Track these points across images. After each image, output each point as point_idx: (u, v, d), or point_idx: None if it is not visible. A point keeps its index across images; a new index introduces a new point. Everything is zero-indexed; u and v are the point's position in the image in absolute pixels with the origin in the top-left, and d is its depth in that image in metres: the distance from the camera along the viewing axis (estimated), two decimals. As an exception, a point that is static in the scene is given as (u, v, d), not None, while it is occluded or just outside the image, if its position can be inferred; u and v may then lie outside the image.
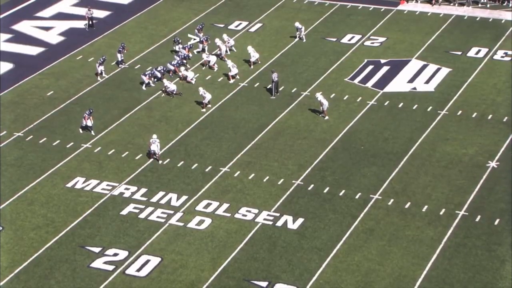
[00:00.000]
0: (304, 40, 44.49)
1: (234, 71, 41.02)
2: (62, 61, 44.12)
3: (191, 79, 41.23)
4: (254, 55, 42.14)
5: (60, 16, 49.37)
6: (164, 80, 40.43)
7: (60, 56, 44.46)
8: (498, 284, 27.76)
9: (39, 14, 49.77)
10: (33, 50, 45.57)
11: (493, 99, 38.96)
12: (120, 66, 42.49)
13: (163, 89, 40.24)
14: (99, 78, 41.94)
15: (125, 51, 42.76)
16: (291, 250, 29.66)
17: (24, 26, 48.32)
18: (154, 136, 35.00)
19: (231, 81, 40.91)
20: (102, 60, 41.78)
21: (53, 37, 46.98)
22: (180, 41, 43.67)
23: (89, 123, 36.83)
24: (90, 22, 47.18)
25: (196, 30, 44.92)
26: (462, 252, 29.26)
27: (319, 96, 37.25)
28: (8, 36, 47.16)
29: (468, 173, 33.54)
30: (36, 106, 39.96)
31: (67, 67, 43.48)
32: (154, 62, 43.53)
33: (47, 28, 48.02)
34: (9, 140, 37.27)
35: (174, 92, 39.96)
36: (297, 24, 44.88)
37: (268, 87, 40.02)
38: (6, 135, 37.63)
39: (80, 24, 48.00)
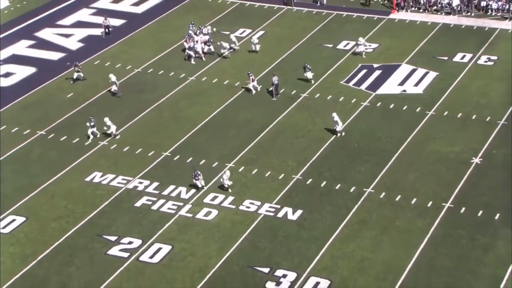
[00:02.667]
0: (364, 57, 42.78)
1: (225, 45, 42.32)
2: (81, 65, 44.12)
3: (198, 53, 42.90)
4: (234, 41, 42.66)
5: (79, 24, 49.43)
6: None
7: (79, 61, 44.41)
8: (481, 271, 27.75)
9: (60, 22, 49.84)
10: (55, 55, 45.65)
11: (477, 101, 38.88)
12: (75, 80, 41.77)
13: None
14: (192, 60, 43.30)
15: (77, 67, 42.01)
16: (291, 239, 29.70)
17: (46, 33, 48.39)
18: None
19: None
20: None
21: (73, 43, 47.07)
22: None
23: (199, 183, 32.16)
24: (107, 30, 47.24)
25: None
26: (448, 242, 29.26)
27: (335, 116, 35.81)
28: (32, 42, 47.28)
29: (454, 169, 33.50)
30: (57, 107, 40.05)
31: (86, 71, 43.46)
32: (164, 66, 43.60)
33: (67, 35, 48.09)
34: (32, 138, 37.39)
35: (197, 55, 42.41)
36: (360, 39, 42.73)
37: (269, 89, 40.03)
38: (30, 133, 37.74)
39: (98, 31, 48.05)
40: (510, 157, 34.03)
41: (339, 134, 35.84)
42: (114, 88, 40.19)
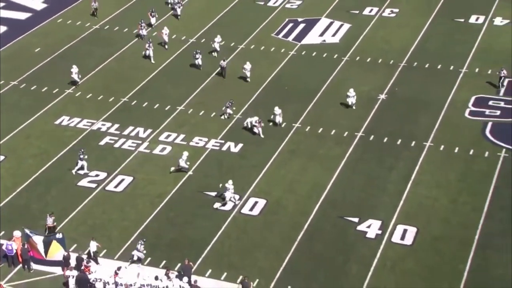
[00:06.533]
0: (354, 108, 32.79)
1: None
2: (46, 23, 41.88)
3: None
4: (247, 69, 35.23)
5: (43, -13, 46.68)
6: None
7: (44, 20, 42.16)
8: (388, 187, 28.28)
9: (25, -15, 46.95)
10: (22, 15, 43.04)
11: (382, 48, 38.85)
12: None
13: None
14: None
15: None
16: (234, 168, 29.46)
17: (14, -5, 45.64)
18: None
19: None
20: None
21: (38, 4, 44.45)
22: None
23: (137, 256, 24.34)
24: (95, 12, 41.88)
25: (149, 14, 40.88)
26: (360, 164, 29.61)
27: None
28: (1, 4, 44.39)
29: (364, 104, 33.61)
30: (27, 60, 37.96)
31: (51, 28, 41.30)
32: (124, 22, 41.67)
33: (32, -3, 45.51)
34: (7, 87, 35.51)
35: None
36: (351, 90, 32.94)
37: (218, 71, 36.13)
38: (4, 84, 35.80)
39: (60, -7, 45.46)
40: (409, 93, 34.36)
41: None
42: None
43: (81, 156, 29.10)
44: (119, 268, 23.59)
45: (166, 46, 38.44)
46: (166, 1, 43.40)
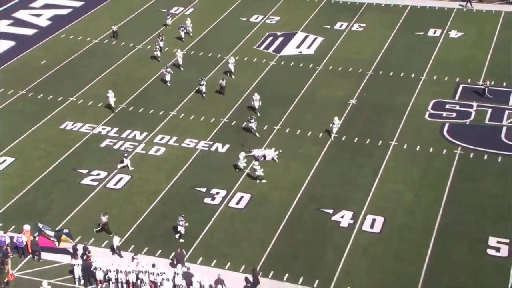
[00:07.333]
0: (332, 139, 30.37)
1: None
2: (51, 39, 41.30)
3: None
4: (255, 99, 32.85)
5: (47, 6, 46.00)
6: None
7: (49, 35, 41.54)
8: (359, 182, 28.31)
9: (31, 5, 46.20)
10: (29, 31, 42.40)
11: (352, 58, 38.87)
12: None
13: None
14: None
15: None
16: (221, 167, 29.28)
17: (21, 14, 44.84)
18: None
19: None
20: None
21: (43, 21, 43.86)
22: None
23: (182, 230, 25.08)
24: (115, 35, 40.80)
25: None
26: (334, 162, 29.61)
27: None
28: (10, 21, 43.76)
29: (337, 108, 33.59)
30: (34, 72, 37.41)
31: (55, 43, 40.75)
32: (121, 36, 41.19)
33: (38, 15, 44.72)
34: (16, 96, 34.97)
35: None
36: (335, 119, 30.90)
37: (218, 89, 35.16)
38: (13, 93, 35.26)
39: (62, 11, 44.95)
40: (376, 98, 34.32)
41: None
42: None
43: (126, 155, 28.97)
44: (136, 254, 23.87)
45: (182, 68, 37.14)
46: (164, 23, 42.76)
